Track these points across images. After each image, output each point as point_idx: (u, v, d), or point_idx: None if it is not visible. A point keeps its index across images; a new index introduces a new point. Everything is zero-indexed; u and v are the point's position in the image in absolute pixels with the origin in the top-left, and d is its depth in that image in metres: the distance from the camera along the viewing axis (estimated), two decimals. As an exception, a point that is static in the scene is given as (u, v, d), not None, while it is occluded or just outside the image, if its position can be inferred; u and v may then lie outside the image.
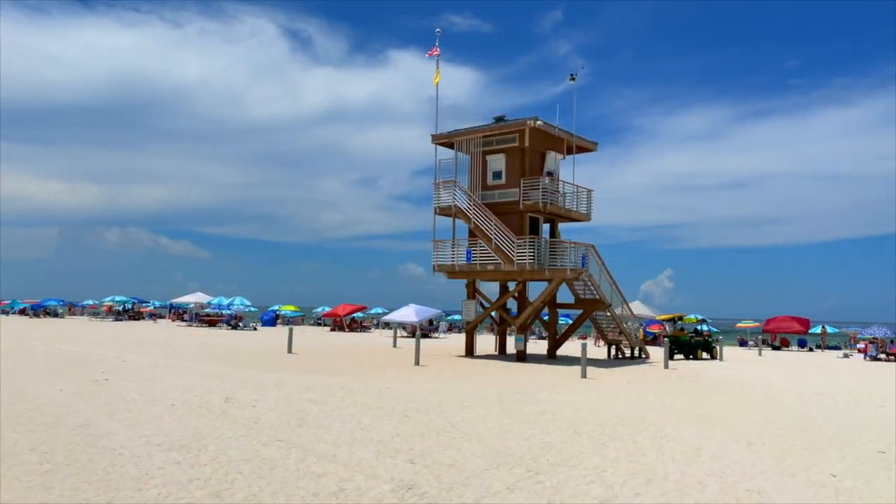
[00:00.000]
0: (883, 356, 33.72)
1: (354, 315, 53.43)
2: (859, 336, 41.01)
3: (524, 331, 26.08)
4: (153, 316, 62.69)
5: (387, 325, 52.60)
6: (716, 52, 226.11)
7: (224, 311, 51.77)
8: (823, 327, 47.11)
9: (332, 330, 50.59)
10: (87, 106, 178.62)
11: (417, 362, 21.91)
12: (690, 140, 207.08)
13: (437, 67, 27.56)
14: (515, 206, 25.24)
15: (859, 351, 37.68)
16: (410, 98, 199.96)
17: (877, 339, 36.23)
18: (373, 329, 54.82)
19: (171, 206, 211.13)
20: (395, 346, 31.92)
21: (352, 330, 51.21)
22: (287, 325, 51.55)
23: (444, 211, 26.48)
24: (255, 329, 48.23)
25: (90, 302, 70.11)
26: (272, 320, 56.61)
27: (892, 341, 35.95)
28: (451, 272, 26.56)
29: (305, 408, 12.11)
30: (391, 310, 50.40)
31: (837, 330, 49.61)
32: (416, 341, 22.76)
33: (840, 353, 39.24)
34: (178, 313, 60.08)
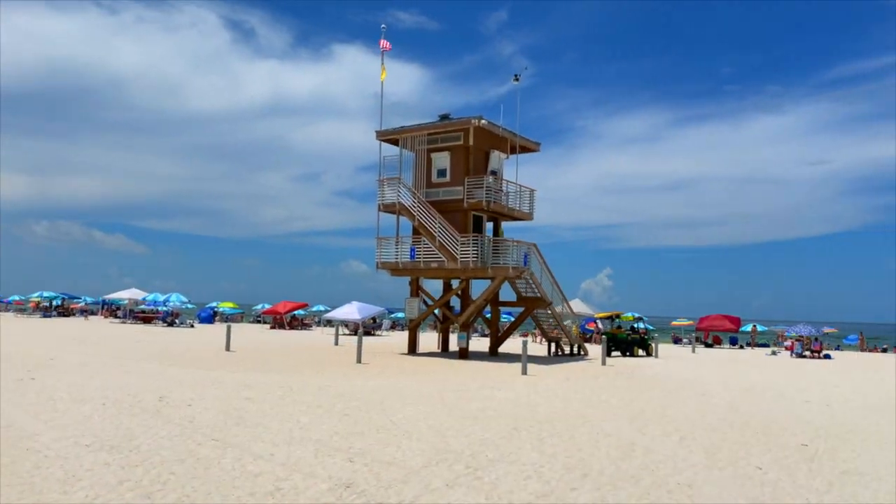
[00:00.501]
0: (808, 353, 35.28)
1: (295, 313, 52.71)
2: (786, 334, 42.76)
3: (467, 328, 26.24)
4: (84, 312, 60.42)
5: (329, 322, 52.09)
6: (655, 58, 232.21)
7: (160, 308, 50.29)
8: (754, 326, 48.95)
9: (273, 328, 49.77)
10: (16, 93, 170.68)
11: (359, 360, 21.78)
12: (631, 143, 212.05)
13: (383, 63, 27.45)
14: (459, 204, 25.36)
15: (786, 348, 39.34)
16: (355, 93, 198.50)
17: (802, 337, 37.89)
18: (314, 327, 54.19)
19: (105, 198, 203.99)
20: (336, 343, 31.64)
21: (292, 328, 50.52)
22: (225, 322, 50.47)
23: (388, 208, 26.39)
24: (192, 326, 47.05)
25: (16, 297, 67.05)
26: (210, 317, 55.30)
27: (816, 339, 37.65)
28: (395, 269, 26.50)
29: (243, 406, 11.89)
30: (333, 307, 49.93)
31: (767, 328, 51.60)
32: (359, 339, 22.63)
33: (768, 350, 40.84)
34: (111, 310, 58.05)
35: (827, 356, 35.29)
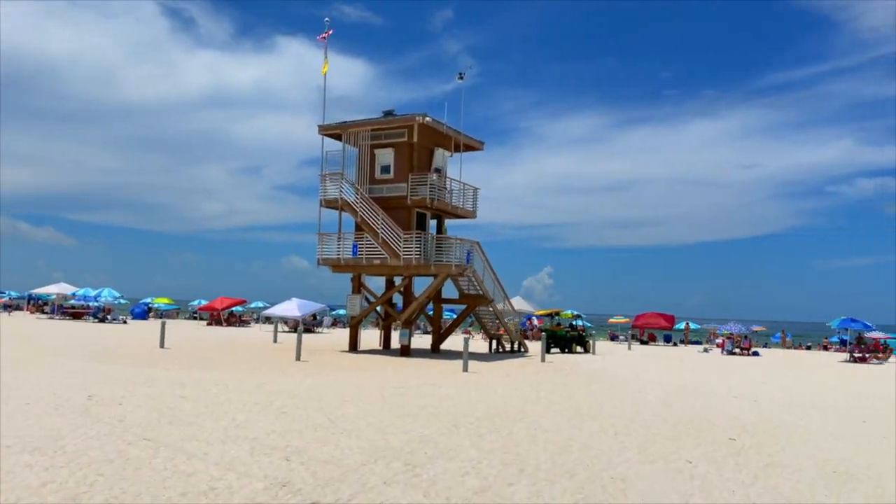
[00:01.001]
0: (738, 351, 36.62)
1: (233, 309, 51.64)
2: (718, 332, 44.28)
3: (409, 326, 26.22)
4: (8, 307, 57.75)
5: (268, 319, 51.23)
6: (597, 61, 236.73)
7: (90, 304, 48.49)
8: (687, 324, 50.49)
9: (209, 324, 48.63)
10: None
11: (298, 357, 21.50)
12: (573, 144, 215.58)
13: (326, 57, 27.14)
14: (403, 201, 25.30)
15: (717, 346, 40.72)
16: (298, 87, 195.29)
17: (733, 335, 39.30)
18: (252, 324, 53.21)
19: (34, 190, 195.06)
20: (275, 341, 31.18)
21: (230, 324, 49.48)
22: (160, 318, 49.03)
23: (330, 203, 26.13)
24: (124, 322, 45.53)
25: (-67, 291, 63.57)
26: (144, 313, 53.64)
27: (745, 337, 39.10)
28: (337, 266, 26.26)
29: (176, 405, 11.58)
30: (273, 304, 49.11)
31: (699, 326, 53.30)
32: (298, 336, 22.34)
33: (701, 347, 42.20)
34: (38, 305, 55.68)
35: (755, 353, 36.69)
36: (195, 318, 57.11)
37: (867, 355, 33.28)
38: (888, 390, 19.72)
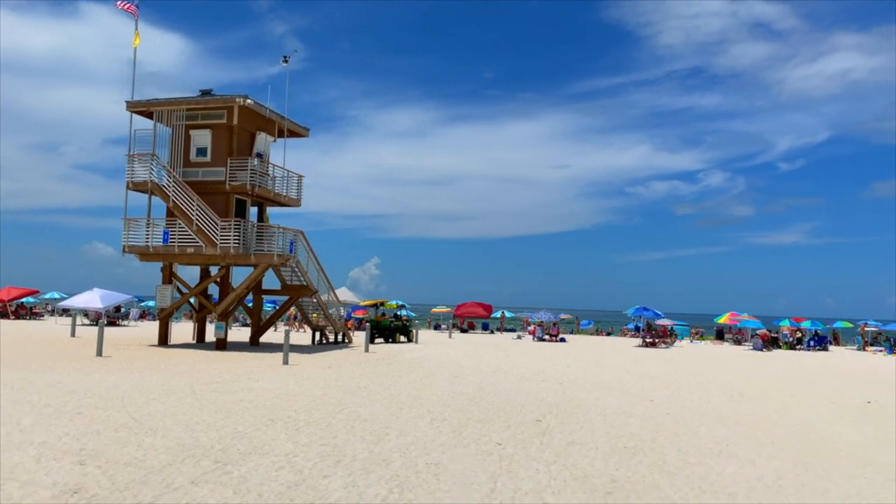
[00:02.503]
0: (547, 337, 39.27)
1: (23, 300, 46.37)
2: (530, 320, 47.13)
3: (226, 318, 25.12)
4: None
5: (65, 312, 46.62)
6: (425, 56, 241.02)
7: None
8: (503, 312, 53.19)
9: (-7, 317, 43.27)
10: None
11: (100, 353, 19.79)
12: (400, 136, 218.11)
13: (137, 29, 25.10)
14: (221, 186, 24.12)
15: (530, 333, 43.37)
16: (104, 58, 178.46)
17: (543, 322, 42.06)
18: (47, 316, 48.13)
19: None
20: (73, 335, 28.45)
21: (19, 317, 44.38)
22: (-71, 311, 42.78)
23: (138, 186, 24.27)
24: None
25: None
26: None
27: (554, 324, 42.03)
28: (145, 254, 24.47)
29: (-54, 410, 10.19)
30: (72, 295, 44.74)
31: (514, 315, 56.37)
32: (99, 329, 20.53)
33: (515, 335, 44.70)
34: None
35: (562, 339, 39.56)
36: (-26, 311, 50.51)
37: (657, 340, 37.12)
38: (672, 371, 22.17)
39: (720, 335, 45.17)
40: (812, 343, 38.38)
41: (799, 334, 40.15)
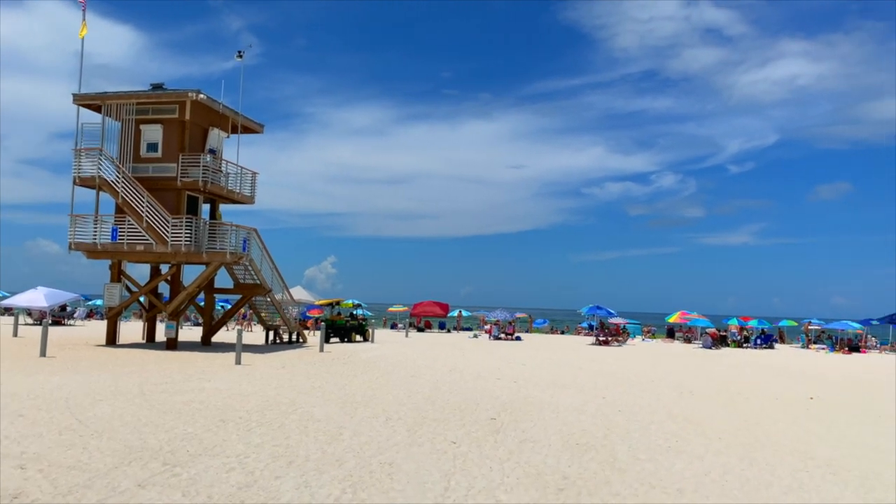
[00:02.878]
0: (503, 336, 39.55)
1: (-37, 298, 44.57)
2: (486, 319, 47.37)
3: (176, 317, 24.60)
4: None
5: (7, 310, 45.03)
6: (382, 54, 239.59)
7: None
8: (460, 311, 53.34)
9: (-70, 316, 41.53)
10: None
11: (44, 353, 19.16)
12: (357, 134, 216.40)
13: (84, 19, 24.37)
14: (173, 182, 23.61)
15: (486, 332, 43.60)
16: (50, 49, 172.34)
17: (499, 321, 42.33)
18: (-12, 315, 46.41)
19: None
20: (15, 335, 27.49)
21: (-42, 316, 42.68)
22: None
23: (86, 182, 23.58)
24: None
25: None
26: None
27: (510, 323, 42.35)
28: (93, 252, 23.79)
29: None
30: (14, 293, 43.21)
31: (471, 314, 56.58)
32: (44, 329, 19.88)
33: (471, 333, 44.88)
34: None
35: (518, 338, 39.89)
36: None
37: (609, 338, 37.73)
38: (624, 369, 22.55)
39: (671, 333, 46.18)
40: (759, 341, 39.52)
41: (746, 333, 41.30)
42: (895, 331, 41.23)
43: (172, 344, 23.32)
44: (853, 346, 36.76)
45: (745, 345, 39.32)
